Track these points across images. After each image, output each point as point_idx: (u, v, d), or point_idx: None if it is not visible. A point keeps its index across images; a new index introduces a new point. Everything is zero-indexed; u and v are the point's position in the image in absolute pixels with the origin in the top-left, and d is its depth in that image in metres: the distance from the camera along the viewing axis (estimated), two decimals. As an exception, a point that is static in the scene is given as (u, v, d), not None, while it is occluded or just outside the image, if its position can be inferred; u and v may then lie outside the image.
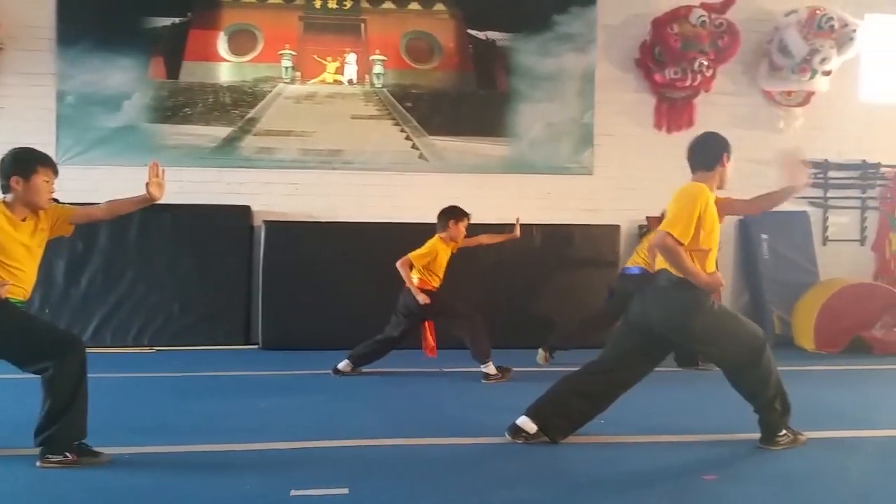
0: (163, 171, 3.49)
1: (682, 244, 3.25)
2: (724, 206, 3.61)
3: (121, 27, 6.89)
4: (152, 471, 3.05)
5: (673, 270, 3.31)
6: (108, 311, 6.53)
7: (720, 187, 3.54)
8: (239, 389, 4.80)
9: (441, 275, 5.28)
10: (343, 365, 5.25)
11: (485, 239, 5.65)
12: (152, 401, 4.40)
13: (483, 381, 5.03)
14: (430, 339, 5.23)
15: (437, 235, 5.31)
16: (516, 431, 3.47)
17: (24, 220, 3.23)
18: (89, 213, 3.54)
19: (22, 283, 3.19)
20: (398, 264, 5.18)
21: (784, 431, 3.44)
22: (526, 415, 3.50)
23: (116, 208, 3.58)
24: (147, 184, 3.42)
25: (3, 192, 3.25)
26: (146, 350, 6.38)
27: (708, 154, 3.52)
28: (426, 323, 5.24)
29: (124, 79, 6.88)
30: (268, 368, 5.53)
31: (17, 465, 3.09)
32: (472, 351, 5.12)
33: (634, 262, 5.73)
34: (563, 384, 3.57)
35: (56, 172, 3.35)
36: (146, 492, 2.79)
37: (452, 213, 5.34)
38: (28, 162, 3.24)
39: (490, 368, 5.06)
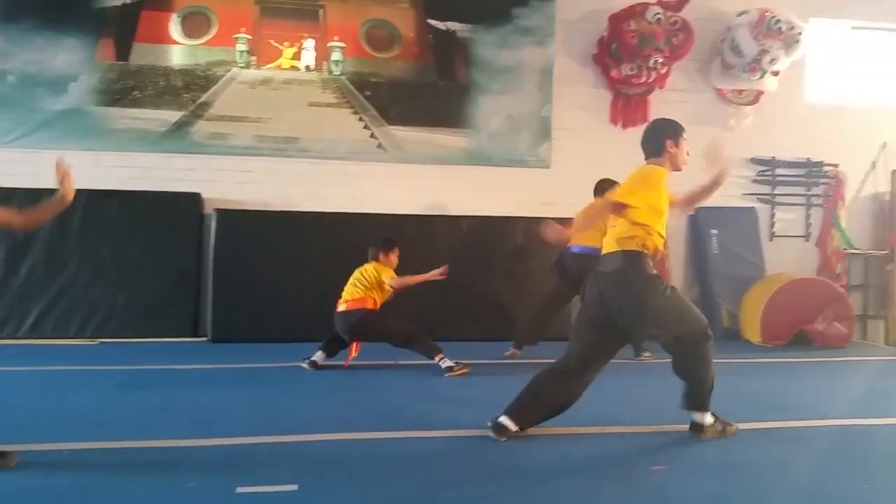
0: (70, 171, 3.17)
1: (625, 207, 3.32)
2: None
3: (68, 6, 6.64)
4: (89, 466, 2.95)
5: (623, 250, 3.37)
6: (50, 302, 6.30)
7: (676, 170, 3.59)
8: (185, 383, 4.68)
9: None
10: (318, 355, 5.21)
11: (411, 280, 5.35)
12: (93, 395, 4.25)
13: (447, 376, 4.97)
14: (353, 353, 5.24)
15: (378, 262, 5.30)
16: (501, 430, 3.46)
17: None
18: (7, 220, 3.14)
19: None
20: (397, 286, 5.20)
21: (713, 421, 3.51)
22: (506, 415, 3.49)
23: (33, 218, 3.21)
24: (61, 182, 3.13)
25: None
26: (89, 342, 6.19)
27: (654, 140, 3.57)
28: (354, 343, 5.23)
29: (71, 60, 6.63)
30: (217, 361, 5.41)
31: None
32: (423, 353, 5.13)
33: (577, 241, 5.61)
34: (538, 385, 3.55)
35: None
36: (82, 488, 2.70)
37: (384, 245, 5.37)
38: None
39: (446, 362, 5.05)
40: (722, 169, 3.69)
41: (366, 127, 7.12)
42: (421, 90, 7.23)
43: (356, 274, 5.30)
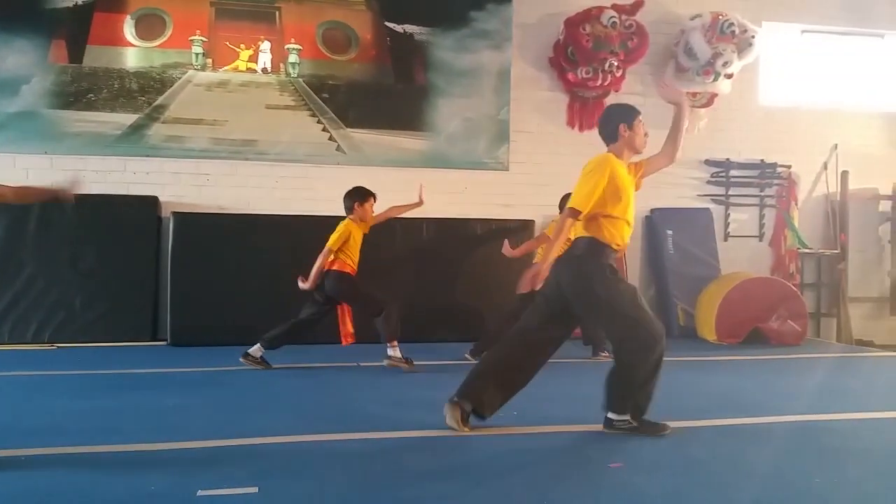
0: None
1: (580, 212, 3.42)
2: (646, 168, 3.74)
3: (19, 7, 6.53)
4: (48, 473, 2.90)
5: (586, 236, 3.46)
6: (6, 307, 6.20)
7: (636, 152, 3.68)
8: (144, 386, 4.63)
9: (356, 258, 5.25)
10: (254, 349, 5.16)
11: (393, 212, 5.65)
12: (50, 399, 4.17)
13: (385, 363, 5.09)
14: (348, 325, 5.20)
15: (346, 218, 5.27)
16: (462, 416, 3.50)
17: None
18: (1, 193, 3.21)
19: None
20: (319, 257, 5.13)
21: (627, 417, 3.55)
22: (457, 396, 3.53)
23: (28, 194, 3.40)
24: (70, 186, 3.20)
25: None
26: (47, 347, 6.08)
27: (607, 126, 3.67)
28: (343, 307, 5.20)
29: (22, 62, 6.52)
30: (176, 365, 5.35)
31: None
32: (382, 330, 5.14)
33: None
34: (488, 359, 3.64)
35: None
36: (40, 495, 2.66)
37: (357, 195, 5.32)
38: None
39: (396, 352, 5.12)
40: (678, 95, 3.84)
41: (324, 129, 7.12)
42: (379, 93, 7.25)
43: None
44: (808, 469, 3.11)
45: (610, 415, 3.59)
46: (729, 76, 7.56)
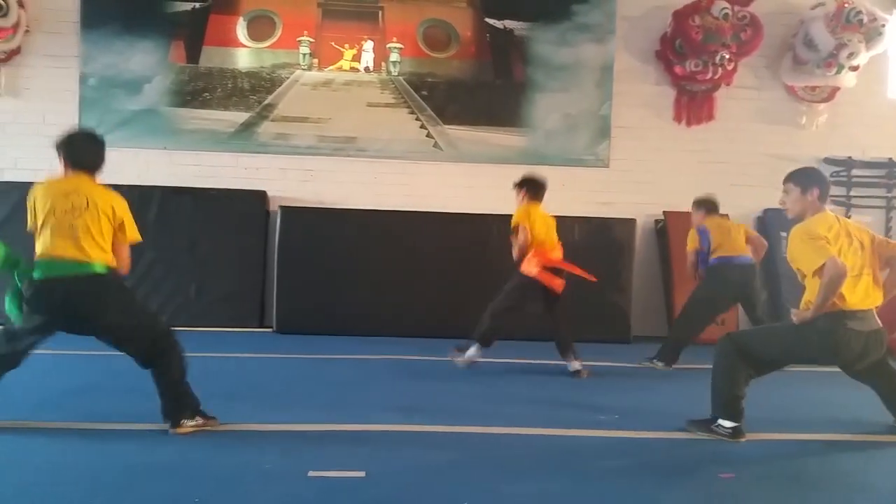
0: None
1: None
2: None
3: (143, 11, 6.96)
4: (174, 446, 3.09)
5: None
6: (126, 292, 6.58)
7: None
8: (253, 370, 4.88)
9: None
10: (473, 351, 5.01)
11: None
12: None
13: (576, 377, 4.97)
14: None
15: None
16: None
17: None
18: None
19: None
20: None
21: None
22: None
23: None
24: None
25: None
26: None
27: None
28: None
29: (146, 62, 6.94)
30: (281, 351, 5.59)
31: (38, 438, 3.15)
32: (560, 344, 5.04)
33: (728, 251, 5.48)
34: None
35: None
36: (160, 468, 2.83)
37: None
38: None
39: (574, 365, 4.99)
40: None
41: (422, 126, 7.20)
42: (477, 89, 7.26)
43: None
44: None
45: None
46: (854, 68, 7.06)
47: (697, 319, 5.48)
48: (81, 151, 3.32)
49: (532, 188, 5.17)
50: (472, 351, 5.00)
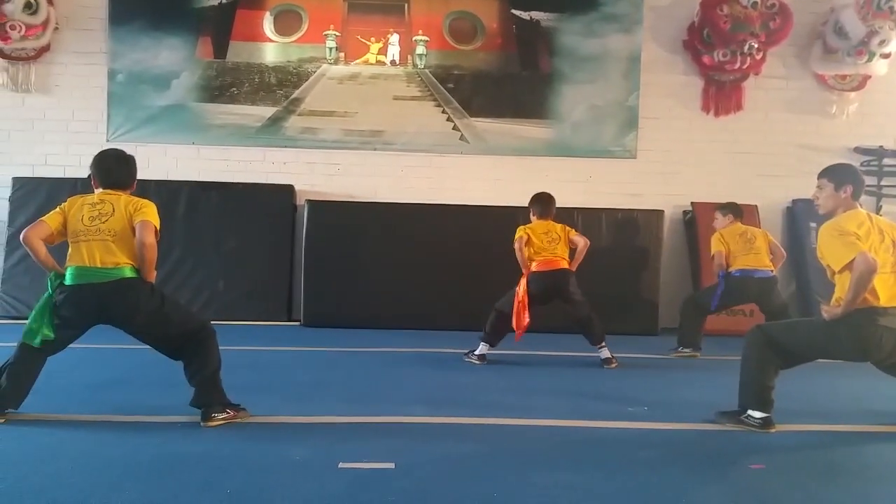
0: None
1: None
2: None
3: (170, 7, 7.03)
4: (205, 438, 3.14)
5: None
6: (157, 285, 6.64)
7: None
8: (281, 363, 4.91)
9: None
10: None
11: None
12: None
13: (608, 368, 4.96)
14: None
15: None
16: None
17: None
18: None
19: None
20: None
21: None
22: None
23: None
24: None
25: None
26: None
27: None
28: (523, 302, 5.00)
29: (173, 58, 7.02)
30: (309, 344, 5.63)
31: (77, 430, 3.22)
32: (589, 337, 5.07)
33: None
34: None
35: None
36: (199, 458, 2.87)
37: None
38: None
39: (605, 352, 5.00)
40: None
41: (448, 119, 7.20)
42: (503, 81, 7.24)
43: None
44: None
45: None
46: (886, 56, 6.96)
47: (706, 309, 5.57)
48: (111, 171, 3.39)
49: (536, 207, 5.22)
50: (481, 348, 5.06)
